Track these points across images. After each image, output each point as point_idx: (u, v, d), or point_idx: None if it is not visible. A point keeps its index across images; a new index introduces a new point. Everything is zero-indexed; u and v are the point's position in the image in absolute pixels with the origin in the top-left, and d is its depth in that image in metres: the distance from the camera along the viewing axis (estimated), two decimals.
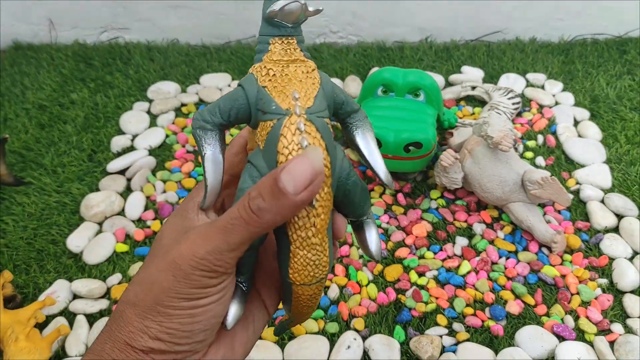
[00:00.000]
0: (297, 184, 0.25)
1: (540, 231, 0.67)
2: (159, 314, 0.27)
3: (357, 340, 0.59)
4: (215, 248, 0.27)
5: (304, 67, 0.30)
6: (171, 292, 0.27)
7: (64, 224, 0.74)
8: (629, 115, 0.86)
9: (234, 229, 0.27)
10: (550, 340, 0.59)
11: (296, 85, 0.29)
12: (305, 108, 0.28)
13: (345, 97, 0.31)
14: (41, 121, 0.91)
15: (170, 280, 0.27)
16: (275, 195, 0.26)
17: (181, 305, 0.27)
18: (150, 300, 0.28)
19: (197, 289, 0.27)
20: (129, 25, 1.11)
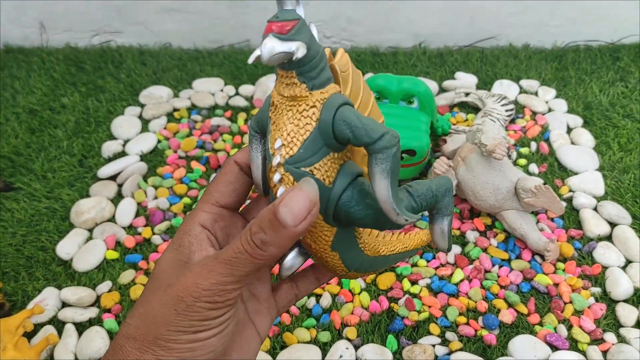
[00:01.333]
0: (295, 216, 0.26)
1: (534, 239, 0.67)
2: (159, 347, 0.27)
3: (350, 349, 0.59)
4: (219, 280, 0.27)
5: (301, 106, 0.29)
6: (172, 326, 0.27)
7: (54, 231, 0.73)
8: (621, 122, 0.86)
9: (239, 262, 0.27)
10: (543, 349, 0.58)
11: (285, 128, 0.29)
12: (285, 158, 0.29)
13: (352, 133, 0.28)
14: (31, 125, 0.90)
15: (172, 314, 0.28)
16: (276, 228, 0.27)
17: (181, 339, 0.28)
18: (151, 334, 0.28)
19: (198, 322, 0.28)
20: (121, 29, 1.11)
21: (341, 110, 0.28)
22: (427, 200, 0.31)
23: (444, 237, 0.32)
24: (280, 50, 0.27)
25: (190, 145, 0.85)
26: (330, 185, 0.30)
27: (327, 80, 0.29)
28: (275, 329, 0.61)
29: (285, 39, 0.27)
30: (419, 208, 0.31)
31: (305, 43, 0.27)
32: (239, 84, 0.99)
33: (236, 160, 0.33)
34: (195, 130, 0.89)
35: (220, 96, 0.95)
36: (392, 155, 0.28)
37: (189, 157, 0.84)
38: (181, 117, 0.92)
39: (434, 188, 0.31)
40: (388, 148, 0.27)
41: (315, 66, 0.28)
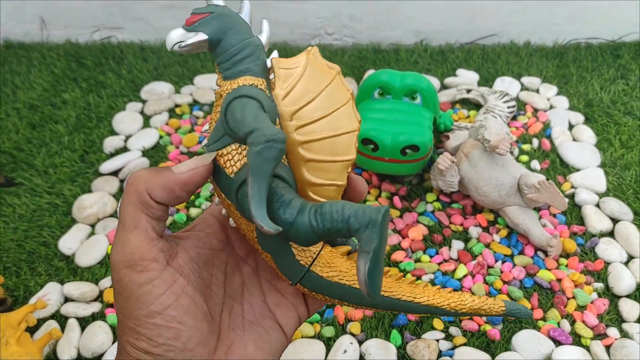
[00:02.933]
0: (180, 167, 0.29)
1: (536, 235, 0.67)
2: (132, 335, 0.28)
3: (354, 344, 0.59)
4: (118, 240, 0.28)
5: (216, 96, 0.30)
6: (127, 311, 0.28)
7: (56, 226, 0.73)
8: (623, 119, 0.86)
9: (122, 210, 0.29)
10: (546, 344, 0.59)
11: (212, 117, 0.30)
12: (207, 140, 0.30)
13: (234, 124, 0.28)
14: (32, 121, 0.90)
15: (119, 300, 0.28)
16: (158, 170, 0.29)
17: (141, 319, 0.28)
18: (120, 327, 0.29)
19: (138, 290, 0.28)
20: (122, 25, 1.10)
21: (234, 102, 0.28)
22: (332, 223, 0.27)
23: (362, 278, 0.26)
24: (177, 39, 0.29)
25: (192, 141, 0.85)
26: (232, 175, 0.29)
27: (240, 72, 0.29)
28: None
29: (189, 29, 0.29)
30: (318, 227, 0.27)
31: (207, 34, 0.29)
32: None
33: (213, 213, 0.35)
34: (197, 126, 0.89)
35: None
36: (254, 153, 0.26)
37: (190, 152, 0.84)
38: (183, 113, 0.92)
39: (348, 213, 0.27)
40: (252, 145, 0.26)
41: (229, 57, 0.29)
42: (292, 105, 0.30)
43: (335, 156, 0.31)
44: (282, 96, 0.30)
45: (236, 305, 0.32)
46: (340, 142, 0.31)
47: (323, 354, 0.58)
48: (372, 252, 0.26)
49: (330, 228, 0.27)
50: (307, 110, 0.30)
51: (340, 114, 0.31)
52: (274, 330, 0.33)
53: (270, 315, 0.33)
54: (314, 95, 0.30)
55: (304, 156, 0.30)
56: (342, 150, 0.31)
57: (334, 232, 0.27)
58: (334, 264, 0.32)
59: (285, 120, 0.30)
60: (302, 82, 0.30)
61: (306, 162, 0.30)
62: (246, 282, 0.34)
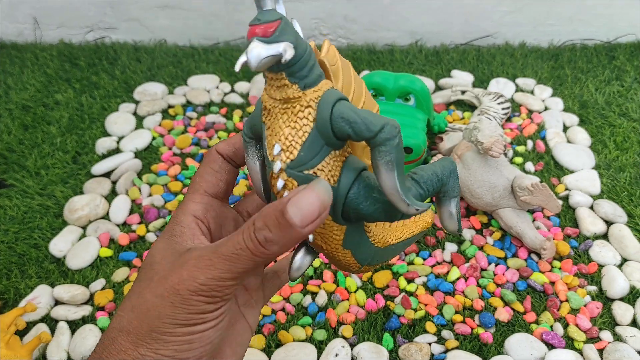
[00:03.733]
0: (304, 217, 0.25)
1: (530, 237, 0.67)
2: (154, 341, 0.27)
3: (345, 347, 0.59)
4: (217, 276, 0.27)
5: (295, 107, 0.28)
6: (168, 319, 0.27)
7: (47, 228, 0.72)
8: (617, 121, 0.86)
9: (239, 258, 0.26)
10: (539, 347, 0.58)
11: (282, 132, 0.28)
12: (286, 163, 0.28)
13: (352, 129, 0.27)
14: (24, 122, 0.89)
15: (168, 307, 0.27)
16: (282, 228, 0.25)
17: (177, 331, 0.27)
18: (145, 327, 0.27)
19: (194, 315, 0.27)
20: (116, 25, 1.10)
21: (337, 106, 0.27)
22: (433, 185, 0.31)
23: (453, 219, 0.32)
24: (267, 54, 0.25)
25: (185, 142, 0.84)
26: (336, 185, 0.29)
27: (318, 77, 0.28)
28: (271, 327, 0.60)
29: (270, 41, 0.26)
30: (426, 194, 0.30)
31: (291, 43, 0.26)
32: (234, 81, 0.98)
33: (218, 150, 0.33)
34: (191, 127, 0.88)
35: (215, 93, 0.95)
36: (395, 146, 0.27)
37: (183, 154, 0.84)
38: (176, 114, 0.91)
39: (438, 172, 0.31)
40: (390, 139, 0.26)
41: (304, 65, 0.27)
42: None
43: None
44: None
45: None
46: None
47: (315, 357, 0.58)
48: (459, 195, 0.32)
49: (433, 191, 0.31)
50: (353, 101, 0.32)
51: (368, 102, 0.33)
52: (245, 331, 0.33)
53: (241, 316, 0.33)
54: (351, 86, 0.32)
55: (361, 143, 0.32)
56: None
57: (434, 193, 0.31)
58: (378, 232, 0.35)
59: None
60: (343, 76, 0.31)
61: (364, 148, 0.32)
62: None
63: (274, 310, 0.62)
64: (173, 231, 0.31)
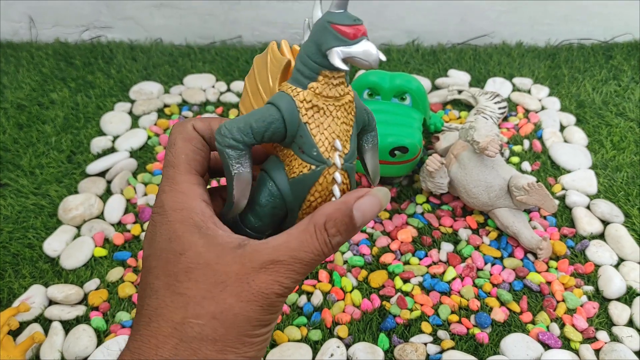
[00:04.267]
0: (365, 220, 0.29)
1: (526, 237, 0.66)
2: (243, 345, 0.28)
3: (341, 348, 0.58)
4: (298, 279, 0.29)
5: (347, 104, 0.29)
6: (256, 322, 0.29)
7: (41, 227, 0.72)
8: (614, 120, 0.86)
9: (316, 262, 0.29)
10: (535, 348, 0.58)
11: (338, 128, 0.29)
12: (342, 157, 0.30)
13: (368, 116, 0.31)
14: (19, 121, 0.89)
15: (258, 310, 0.28)
16: (350, 231, 0.29)
17: (261, 332, 0.29)
18: (234, 333, 0.28)
19: (274, 315, 0.30)
20: (112, 24, 1.09)
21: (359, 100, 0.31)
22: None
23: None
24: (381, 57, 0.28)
25: None
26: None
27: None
28: None
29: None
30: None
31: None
32: (230, 80, 0.98)
33: (197, 128, 0.31)
34: None
35: (211, 92, 0.94)
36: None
37: None
38: (172, 113, 0.91)
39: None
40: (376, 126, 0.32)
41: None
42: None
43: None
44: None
45: None
46: None
47: (310, 357, 0.58)
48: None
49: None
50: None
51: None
52: None
53: None
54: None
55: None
56: None
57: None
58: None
59: None
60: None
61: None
62: None
63: None
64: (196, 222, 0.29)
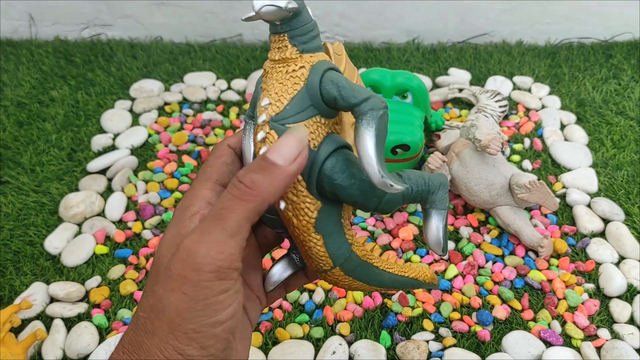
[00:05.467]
0: (285, 156, 0.26)
1: (527, 235, 0.66)
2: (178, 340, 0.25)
3: (343, 345, 0.58)
4: (214, 241, 0.25)
5: (290, 67, 0.29)
6: (187, 313, 0.25)
7: (42, 225, 0.72)
8: (614, 119, 0.86)
9: (229, 211, 0.25)
10: (537, 345, 0.58)
11: (274, 88, 0.29)
12: (271, 115, 0.28)
13: (339, 92, 0.28)
14: (20, 119, 0.89)
15: (183, 300, 0.25)
16: (266, 168, 0.26)
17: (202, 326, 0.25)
18: (166, 327, 0.25)
19: (210, 300, 0.25)
20: (112, 22, 1.09)
21: (329, 72, 0.29)
22: (418, 186, 0.30)
23: (438, 235, 0.30)
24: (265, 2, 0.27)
25: (182, 139, 0.84)
26: (315, 149, 0.29)
27: (318, 48, 0.30)
28: (268, 325, 0.60)
29: None
30: (408, 192, 0.30)
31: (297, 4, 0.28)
32: (231, 78, 0.98)
33: (230, 144, 0.33)
34: (187, 124, 0.88)
35: (212, 90, 0.94)
36: (379, 117, 0.27)
37: (180, 151, 0.83)
38: (172, 111, 0.91)
39: (426, 177, 0.30)
40: (374, 110, 0.27)
41: (306, 31, 0.29)
42: None
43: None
44: None
45: None
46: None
47: (312, 355, 0.58)
48: (446, 209, 0.30)
49: (417, 191, 0.30)
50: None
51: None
52: (247, 326, 0.33)
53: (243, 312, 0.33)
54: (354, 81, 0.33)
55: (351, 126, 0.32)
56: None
57: (417, 195, 0.30)
58: (363, 245, 0.33)
59: None
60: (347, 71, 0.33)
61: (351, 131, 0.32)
62: None
63: (271, 308, 0.62)
64: (182, 217, 0.29)
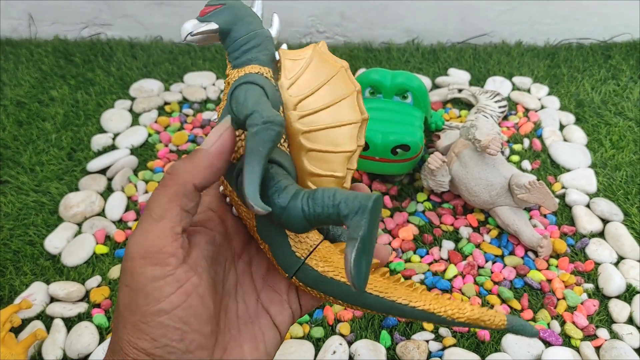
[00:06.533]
0: (207, 141, 0.28)
1: (527, 235, 0.67)
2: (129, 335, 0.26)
3: (343, 345, 0.58)
4: (143, 230, 0.27)
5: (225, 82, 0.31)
6: (133, 305, 0.26)
7: (42, 225, 0.72)
8: (613, 120, 0.86)
9: (154, 199, 0.27)
10: (536, 345, 0.58)
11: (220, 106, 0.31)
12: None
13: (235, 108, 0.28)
14: (19, 118, 0.88)
15: (126, 292, 0.26)
16: (190, 155, 0.28)
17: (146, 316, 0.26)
18: (121, 322, 0.26)
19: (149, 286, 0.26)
20: (112, 22, 1.09)
21: (239, 88, 0.29)
22: (322, 208, 0.27)
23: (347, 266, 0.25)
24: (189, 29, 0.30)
25: (182, 139, 0.84)
26: (234, 162, 0.30)
27: (248, 60, 0.30)
28: None
29: (202, 20, 0.31)
30: (309, 212, 0.27)
31: (218, 24, 0.30)
32: None
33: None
34: (187, 124, 0.88)
35: (212, 90, 0.94)
36: (252, 134, 0.26)
37: (180, 151, 0.83)
38: (172, 110, 0.91)
39: (339, 199, 0.26)
40: (250, 126, 0.26)
41: (238, 47, 0.31)
42: (296, 94, 0.30)
43: (336, 147, 0.31)
44: (287, 86, 0.30)
45: (231, 304, 0.32)
46: (341, 133, 0.31)
47: (312, 354, 0.58)
48: (359, 239, 0.25)
49: (321, 213, 0.27)
50: (310, 100, 0.31)
51: (343, 105, 0.31)
52: (268, 329, 0.32)
53: (264, 314, 0.32)
54: (318, 85, 0.31)
55: (305, 145, 0.30)
56: (343, 142, 0.31)
57: (325, 218, 0.27)
58: (330, 259, 0.31)
59: (288, 110, 0.30)
60: (308, 73, 0.31)
61: (307, 152, 0.30)
62: (239, 279, 0.33)
63: None
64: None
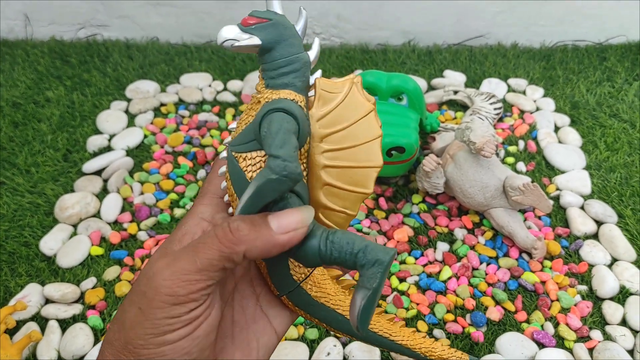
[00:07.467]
0: (281, 224, 0.26)
1: (521, 237, 0.67)
2: (130, 353, 0.26)
3: (337, 346, 0.59)
4: (180, 268, 0.25)
5: (255, 99, 0.30)
6: (139, 328, 0.26)
7: (37, 226, 0.72)
8: (608, 122, 0.87)
9: (205, 247, 0.26)
10: (530, 347, 0.59)
11: (243, 115, 0.30)
12: (230, 141, 0.30)
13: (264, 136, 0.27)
14: (15, 119, 0.88)
15: (138, 314, 0.26)
16: (257, 225, 0.26)
17: (149, 343, 0.26)
18: (122, 339, 0.26)
19: (162, 320, 0.25)
20: (108, 23, 1.09)
21: (274, 114, 0.28)
22: (340, 253, 0.28)
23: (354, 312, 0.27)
24: (229, 37, 0.28)
25: (178, 140, 0.84)
26: (250, 181, 0.29)
27: (284, 85, 0.29)
28: None
29: (245, 30, 0.29)
30: (325, 253, 0.28)
31: (261, 40, 0.28)
32: (227, 79, 0.98)
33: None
34: (183, 125, 0.88)
35: (208, 91, 0.94)
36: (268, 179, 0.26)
37: (176, 152, 0.83)
38: (168, 112, 0.91)
39: (358, 247, 0.27)
40: (271, 169, 0.26)
41: (276, 67, 0.29)
42: (325, 128, 0.30)
43: (354, 186, 0.31)
44: (317, 117, 0.30)
45: (226, 311, 0.32)
46: (360, 174, 0.31)
47: (307, 356, 0.58)
48: (372, 290, 0.27)
49: (338, 257, 0.28)
50: (337, 136, 0.31)
51: (367, 148, 0.32)
52: (264, 334, 0.32)
53: (263, 317, 0.32)
54: (348, 124, 0.31)
55: (324, 179, 0.31)
56: (361, 183, 0.31)
57: (340, 262, 0.28)
58: (323, 286, 0.33)
59: (315, 141, 0.30)
60: (340, 109, 0.31)
61: (324, 186, 0.31)
62: (238, 283, 0.33)
63: None
64: (173, 237, 0.30)
